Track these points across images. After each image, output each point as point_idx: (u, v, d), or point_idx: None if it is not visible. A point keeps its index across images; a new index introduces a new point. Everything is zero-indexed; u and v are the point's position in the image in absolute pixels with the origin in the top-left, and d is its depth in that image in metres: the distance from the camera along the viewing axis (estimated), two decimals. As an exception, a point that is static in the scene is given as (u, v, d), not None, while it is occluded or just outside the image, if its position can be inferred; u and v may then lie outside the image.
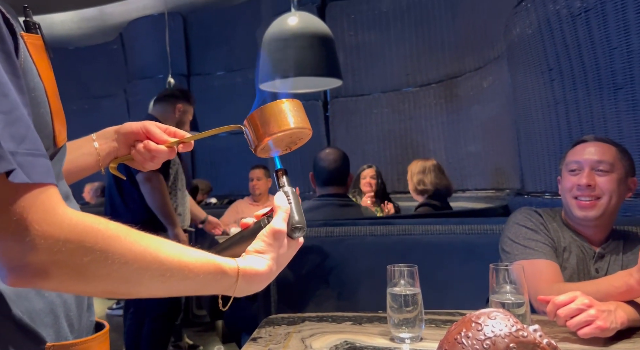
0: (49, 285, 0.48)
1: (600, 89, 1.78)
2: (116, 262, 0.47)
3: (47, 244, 0.44)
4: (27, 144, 0.44)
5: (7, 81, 0.45)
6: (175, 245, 0.53)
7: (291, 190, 0.64)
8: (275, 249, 0.60)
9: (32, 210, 0.44)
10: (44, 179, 0.45)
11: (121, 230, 0.49)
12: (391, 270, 1.05)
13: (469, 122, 3.28)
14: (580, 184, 1.24)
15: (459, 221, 1.70)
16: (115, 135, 0.77)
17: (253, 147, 0.67)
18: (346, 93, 3.94)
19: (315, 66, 2.65)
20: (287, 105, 0.65)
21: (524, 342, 0.62)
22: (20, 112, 0.45)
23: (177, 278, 0.52)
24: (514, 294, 0.98)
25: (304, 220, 0.63)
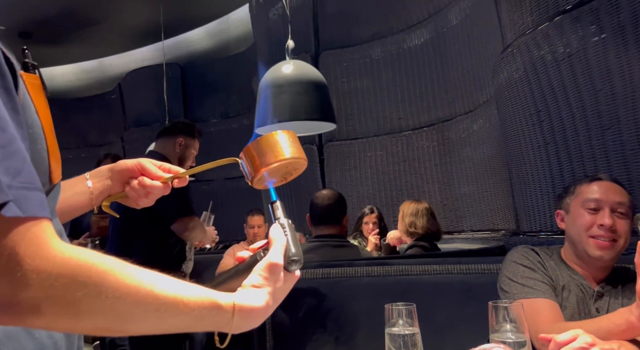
0: (40, 323, 0.46)
1: (587, 129, 1.83)
2: (110, 296, 0.46)
3: (39, 279, 0.43)
4: (23, 178, 0.44)
5: (5, 116, 0.45)
6: (169, 279, 0.52)
7: (287, 222, 0.64)
8: (272, 283, 0.58)
9: (24, 244, 0.43)
10: (38, 212, 0.45)
11: (115, 264, 0.48)
12: (389, 310, 1.03)
13: (462, 164, 3.33)
14: (604, 225, 1.22)
15: (456, 261, 1.69)
16: (109, 173, 0.78)
17: (249, 178, 0.67)
18: (340, 137, 4.01)
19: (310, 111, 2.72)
20: (282, 136, 0.67)
21: (527, 378, 0.60)
22: (17, 146, 0.45)
23: (172, 313, 0.50)
24: (514, 332, 0.96)
25: (300, 252, 0.62)
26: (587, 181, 1.32)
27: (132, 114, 6.02)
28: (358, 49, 3.99)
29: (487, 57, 2.92)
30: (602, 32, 1.76)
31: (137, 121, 5.87)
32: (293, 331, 1.70)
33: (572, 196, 1.32)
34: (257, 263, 0.60)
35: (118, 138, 6.07)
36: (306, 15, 4.17)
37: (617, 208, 1.24)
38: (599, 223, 1.23)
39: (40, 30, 5.07)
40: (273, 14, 4.32)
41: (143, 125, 5.71)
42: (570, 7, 1.87)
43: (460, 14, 3.26)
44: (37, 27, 4.99)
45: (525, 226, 2.21)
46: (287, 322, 1.70)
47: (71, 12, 5.01)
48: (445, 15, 3.39)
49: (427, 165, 3.61)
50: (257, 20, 4.68)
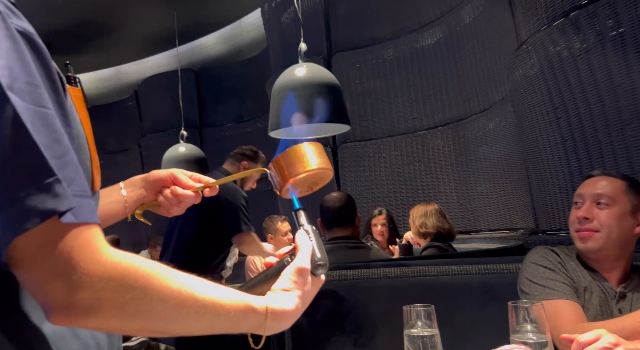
0: (92, 324, 0.49)
1: (607, 125, 1.80)
2: (155, 299, 0.49)
3: (92, 282, 0.46)
4: (76, 186, 0.47)
5: (60, 128, 0.48)
6: (208, 283, 0.55)
7: (311, 228, 0.66)
8: (301, 286, 0.61)
9: (77, 249, 0.46)
10: (89, 218, 0.48)
11: (159, 269, 0.51)
12: (407, 311, 1.02)
13: (478, 163, 3.29)
14: (579, 216, 1.26)
15: (474, 261, 1.67)
16: (142, 183, 0.82)
17: (279, 188, 0.70)
18: (354, 138, 4.01)
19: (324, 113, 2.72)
20: (310, 147, 0.69)
21: (549, 379, 0.59)
22: (71, 157, 0.48)
23: (210, 315, 0.53)
24: (535, 333, 0.95)
25: (326, 257, 0.64)
26: (582, 179, 1.34)
27: (149, 120, 6.11)
28: (370, 50, 3.98)
29: (501, 55, 2.89)
30: (620, 27, 1.73)
31: (154, 127, 5.95)
32: (311, 334, 1.70)
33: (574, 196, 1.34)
34: (284, 268, 0.62)
35: (135, 144, 6.16)
36: (318, 18, 4.18)
37: (597, 199, 1.25)
38: (577, 216, 1.27)
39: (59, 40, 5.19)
40: (285, 17, 4.34)
41: (160, 131, 5.79)
42: (586, 2, 1.84)
43: (474, 11, 3.23)
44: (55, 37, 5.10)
45: (544, 225, 2.17)
46: (305, 324, 1.70)
47: (88, 22, 5.11)
48: (458, 13, 3.37)
49: (443, 165, 3.59)
50: (269, 24, 4.71)
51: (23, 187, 0.44)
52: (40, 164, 0.45)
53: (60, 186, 0.46)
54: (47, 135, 0.47)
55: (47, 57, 0.51)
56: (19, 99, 0.46)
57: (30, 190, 0.44)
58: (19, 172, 0.45)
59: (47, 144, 0.46)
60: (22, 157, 0.45)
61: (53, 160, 0.46)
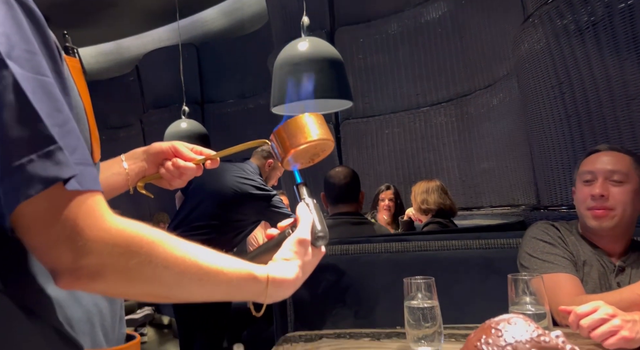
0: (99, 288, 0.50)
1: (612, 100, 1.78)
2: (159, 265, 0.51)
3: (97, 247, 0.47)
4: (78, 155, 0.48)
5: (61, 97, 0.49)
6: (211, 252, 0.56)
7: (312, 201, 0.67)
8: (301, 257, 0.62)
9: (82, 215, 0.47)
10: (93, 186, 0.49)
11: (163, 236, 0.52)
12: (408, 284, 1.04)
13: (481, 140, 3.28)
14: (594, 194, 1.23)
15: (475, 236, 1.68)
16: (144, 155, 0.82)
17: (280, 159, 0.70)
18: (357, 114, 3.98)
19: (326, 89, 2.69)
20: (311, 118, 0.70)
21: (546, 348, 0.60)
22: (72, 125, 0.49)
23: (213, 282, 0.55)
24: (534, 305, 0.96)
25: (326, 229, 0.65)
26: (586, 154, 1.32)
27: (150, 95, 6.07)
28: (374, 24, 3.91)
29: (507, 29, 2.84)
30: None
31: (156, 103, 5.91)
32: (313, 306, 1.72)
33: (576, 171, 1.33)
34: (285, 240, 0.64)
35: (137, 120, 6.14)
36: (321, -9, 4.10)
37: (610, 176, 1.23)
38: (591, 194, 1.24)
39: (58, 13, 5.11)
40: (287, -10, 4.25)
41: (161, 106, 5.75)
42: (595, -27, 1.79)
43: (480, -16, 3.16)
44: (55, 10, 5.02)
45: (546, 201, 2.18)
46: (307, 297, 1.72)
47: (87, -5, 5.02)
48: (464, -14, 3.29)
49: (446, 141, 3.57)
50: (271, -2, 4.62)
51: (25, 155, 0.45)
52: (41, 132, 0.45)
53: (62, 154, 0.46)
54: (48, 103, 0.47)
55: (43, 25, 0.50)
56: (18, 67, 0.46)
57: (33, 157, 0.45)
58: (21, 140, 0.45)
59: (48, 113, 0.46)
60: (24, 125, 0.45)
61: (55, 129, 0.46)
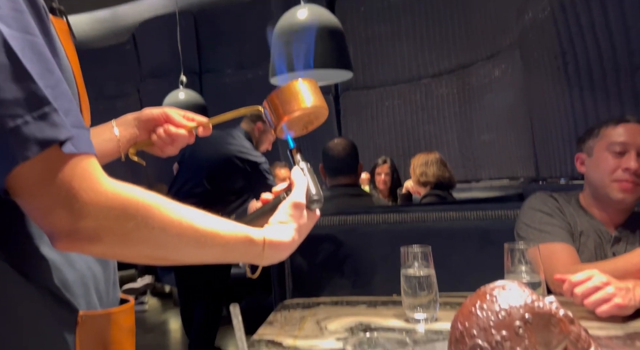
0: (97, 250, 0.51)
1: (616, 70, 1.75)
2: (156, 228, 0.51)
3: (94, 210, 0.47)
4: (72, 117, 0.47)
5: (51, 58, 0.47)
6: (207, 215, 0.56)
7: (307, 165, 0.67)
8: (297, 220, 0.63)
9: (78, 179, 0.47)
10: (88, 149, 0.48)
11: (159, 200, 0.52)
12: (405, 252, 1.04)
13: (482, 112, 3.25)
14: (629, 168, 1.19)
15: (473, 208, 1.69)
16: (135, 122, 0.80)
17: (273, 127, 0.69)
18: (357, 86, 3.93)
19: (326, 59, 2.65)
20: (304, 85, 0.68)
21: (540, 313, 0.61)
22: (64, 87, 0.48)
23: (210, 245, 0.55)
24: (529, 273, 0.97)
25: (320, 193, 0.65)
26: (613, 123, 1.26)
27: (147, 65, 5.98)
28: (376, -8, 3.83)
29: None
30: (638, -35, 1.64)
31: (153, 72, 5.83)
32: (311, 276, 1.74)
33: (596, 139, 1.28)
34: (280, 203, 0.64)
35: (135, 89, 6.06)
36: (321, -43, 3.98)
37: None
38: (624, 167, 1.20)
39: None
40: (286, -44, 4.13)
41: (159, 76, 5.67)
42: (604, -62, 1.73)
43: (485, -50, 3.07)
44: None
45: (545, 173, 2.18)
46: (305, 267, 1.74)
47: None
48: (468, -48, 3.20)
49: (446, 113, 3.54)
50: (270, -36, 4.50)
51: (20, 116, 0.44)
52: (35, 93, 0.44)
53: (57, 115, 0.45)
54: (39, 64, 0.46)
55: None
56: (6, 26, 0.44)
57: (28, 119, 0.44)
58: (14, 100, 0.44)
59: (39, 73, 0.45)
60: (16, 85, 0.44)
61: (48, 91, 0.45)
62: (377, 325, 1.01)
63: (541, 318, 0.61)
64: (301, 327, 1.01)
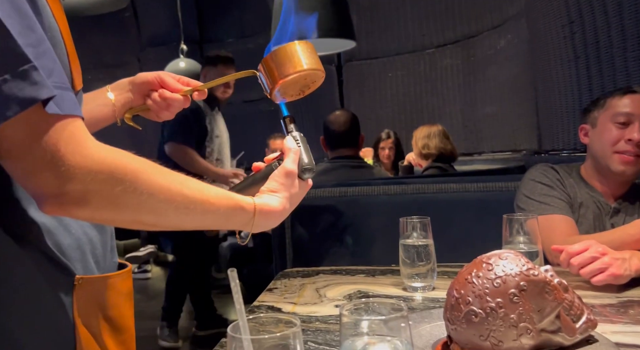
0: (85, 214, 0.50)
1: (623, 40, 1.71)
2: (144, 193, 0.50)
3: (81, 174, 0.46)
4: (56, 77, 0.46)
5: (33, 16, 0.46)
6: (197, 181, 0.56)
7: (299, 134, 0.66)
8: (288, 189, 0.62)
9: (63, 141, 0.45)
10: (74, 111, 0.47)
11: (147, 165, 0.52)
12: (403, 222, 1.05)
13: (486, 83, 3.21)
14: (632, 139, 1.18)
15: (473, 179, 1.69)
16: (129, 86, 0.79)
17: (268, 91, 0.67)
18: (360, 56, 3.88)
19: (329, 27, 2.60)
20: (299, 46, 0.66)
21: (535, 281, 0.62)
22: (47, 46, 0.46)
23: (200, 211, 0.55)
24: (527, 244, 0.98)
25: (312, 162, 0.65)
26: (619, 94, 1.24)
27: (147, 33, 5.88)
28: (380, -42, 3.72)
29: (520, -36, 2.69)
30: None
31: (153, 41, 5.74)
32: (312, 246, 1.76)
33: (601, 109, 1.26)
34: (272, 172, 0.63)
35: (135, 58, 5.98)
36: None
37: None
38: (627, 138, 1.19)
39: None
40: None
41: (159, 45, 5.58)
42: None
43: None
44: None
45: (547, 145, 2.17)
46: (306, 237, 1.76)
47: None
48: None
49: (450, 85, 3.50)
50: None
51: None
52: (13, 50, 0.43)
53: (38, 74, 0.44)
54: (19, 21, 0.44)
55: None
56: None
57: (7, 77, 0.43)
58: None
59: (19, 31, 0.44)
60: None
61: (28, 49, 0.44)
62: (375, 293, 1.02)
63: (536, 286, 0.62)
64: (300, 295, 1.03)
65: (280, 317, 0.49)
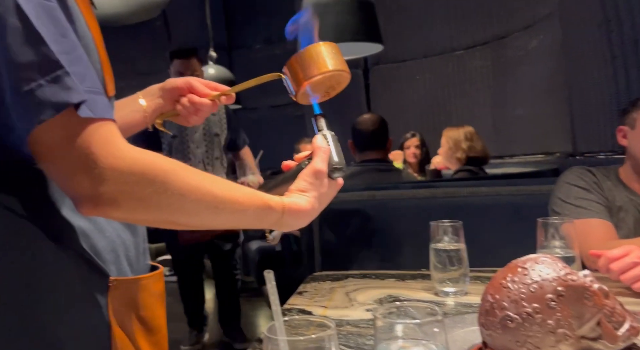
0: (118, 215, 0.52)
1: (663, 39, 1.66)
2: (175, 193, 0.51)
3: (113, 175, 0.48)
4: (88, 82, 0.48)
5: (66, 23, 0.48)
6: (227, 182, 0.57)
7: (330, 133, 0.65)
8: (317, 188, 0.62)
9: (96, 143, 0.47)
10: (106, 114, 0.49)
11: (178, 165, 0.53)
12: (435, 227, 1.04)
13: (517, 85, 3.14)
14: None
15: (505, 183, 1.65)
16: (160, 92, 0.81)
17: (293, 93, 0.68)
18: (387, 60, 3.86)
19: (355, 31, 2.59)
20: (324, 48, 0.65)
21: (573, 286, 0.60)
22: (80, 53, 0.48)
23: (229, 211, 0.56)
24: (563, 248, 0.95)
25: (343, 161, 0.64)
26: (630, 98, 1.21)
27: (178, 41, 6.01)
28: (407, -39, 3.70)
29: (552, -37, 2.63)
30: None
31: (183, 49, 5.87)
32: (340, 250, 1.76)
33: None
34: (302, 171, 0.62)
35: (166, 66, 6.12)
36: None
37: None
38: None
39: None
40: None
41: (189, 53, 5.71)
42: None
43: None
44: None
45: (582, 147, 2.10)
46: (334, 241, 1.76)
47: (110, -64, 4.89)
48: None
49: (479, 87, 3.44)
50: None
51: (34, 80, 0.44)
52: (48, 56, 0.45)
53: (70, 79, 0.45)
54: (53, 29, 0.46)
55: None
56: None
57: (42, 82, 0.44)
58: (28, 64, 0.44)
59: (54, 38, 0.46)
60: (29, 48, 0.44)
61: (62, 56, 0.46)
62: (406, 298, 1.01)
63: (574, 291, 0.60)
64: (331, 298, 1.03)
65: (312, 320, 0.50)
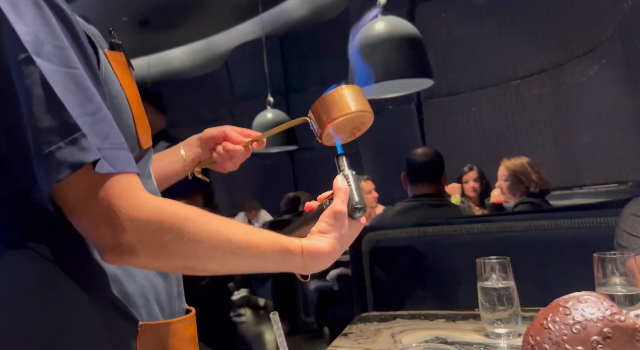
0: (138, 262, 0.54)
1: None
2: (191, 240, 0.53)
3: (133, 225, 0.51)
4: (111, 140, 0.52)
5: (92, 87, 0.53)
6: (243, 225, 0.58)
7: (351, 173, 0.65)
8: (337, 229, 0.61)
9: (116, 195, 0.51)
10: (126, 168, 0.52)
11: (194, 212, 0.55)
12: (480, 264, 0.99)
13: (580, 112, 2.98)
14: None
15: (567, 215, 1.55)
16: (198, 142, 0.86)
17: (318, 135, 0.69)
18: (440, 93, 3.83)
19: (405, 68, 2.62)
20: (346, 91, 0.67)
21: (622, 327, 0.55)
22: (104, 113, 0.53)
23: (246, 255, 0.56)
24: (624, 286, 0.87)
25: (363, 201, 0.64)
26: None
27: (239, 88, 6.37)
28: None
29: (607, -15, 2.54)
30: None
31: (244, 95, 6.21)
32: (392, 288, 1.72)
33: None
34: (323, 212, 0.63)
35: (228, 112, 6.49)
36: (399, -31, 3.98)
37: None
38: None
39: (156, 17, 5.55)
40: (364, -29, 4.19)
41: (249, 98, 6.02)
42: None
43: (574, -61, 2.85)
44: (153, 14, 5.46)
45: (656, 175, 1.93)
46: (385, 279, 1.72)
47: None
48: (556, -57, 3.00)
49: (540, 116, 3.31)
50: (349, -19, 4.59)
51: (54, 143, 0.49)
52: (67, 121, 0.50)
53: (86, 140, 0.50)
54: (79, 94, 0.51)
55: (72, 22, 0.54)
56: (47, 62, 0.50)
57: (61, 144, 0.49)
58: (50, 129, 0.49)
59: (79, 103, 0.51)
60: (51, 115, 0.49)
61: (86, 118, 0.50)
62: (454, 340, 0.96)
63: (623, 333, 0.54)
64: (375, 340, 1.00)
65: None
